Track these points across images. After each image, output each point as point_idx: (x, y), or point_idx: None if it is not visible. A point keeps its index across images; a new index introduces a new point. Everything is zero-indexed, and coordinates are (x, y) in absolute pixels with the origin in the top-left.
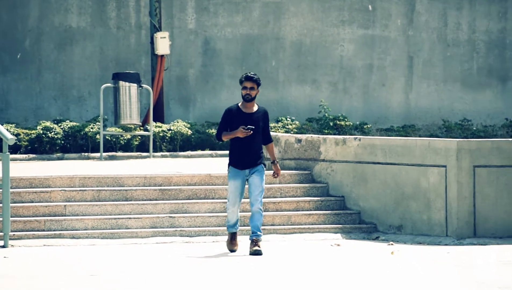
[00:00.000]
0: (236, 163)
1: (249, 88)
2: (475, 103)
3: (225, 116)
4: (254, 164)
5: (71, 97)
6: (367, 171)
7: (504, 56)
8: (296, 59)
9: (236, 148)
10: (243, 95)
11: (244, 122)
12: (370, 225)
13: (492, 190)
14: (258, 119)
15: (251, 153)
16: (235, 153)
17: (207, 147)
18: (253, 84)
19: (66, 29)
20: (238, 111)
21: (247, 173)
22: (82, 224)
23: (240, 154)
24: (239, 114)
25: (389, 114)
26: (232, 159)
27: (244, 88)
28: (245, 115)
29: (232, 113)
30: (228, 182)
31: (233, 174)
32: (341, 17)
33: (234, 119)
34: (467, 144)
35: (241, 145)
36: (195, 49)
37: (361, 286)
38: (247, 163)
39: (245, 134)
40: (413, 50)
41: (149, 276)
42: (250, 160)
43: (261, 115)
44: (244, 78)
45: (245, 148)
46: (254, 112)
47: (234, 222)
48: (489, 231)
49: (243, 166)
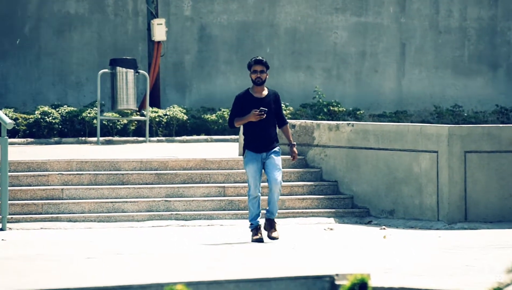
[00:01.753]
0: (252, 147)
1: (259, 71)
2: (466, 90)
3: (236, 102)
4: (270, 147)
5: (69, 83)
6: (360, 156)
7: (495, 43)
8: (290, 46)
9: (250, 132)
10: (254, 79)
11: (255, 107)
12: (363, 210)
13: (483, 175)
14: (269, 102)
15: (266, 137)
16: (250, 138)
17: (203, 132)
18: (263, 67)
19: (65, 16)
20: (248, 96)
21: (264, 156)
22: (79, 208)
23: (255, 138)
24: (250, 99)
25: (381, 100)
26: (247, 143)
27: (254, 72)
28: (256, 99)
29: (243, 99)
30: (246, 167)
31: (250, 158)
32: (335, 5)
33: (245, 104)
34: (458, 130)
35: (255, 129)
36: (191, 36)
37: (352, 264)
38: (263, 147)
39: (258, 118)
40: (405, 37)
41: (145, 258)
42: (266, 143)
43: (272, 98)
44: (253, 62)
45: (260, 131)
46: (265, 96)
47: (256, 214)
48: (480, 216)
49: (259, 150)
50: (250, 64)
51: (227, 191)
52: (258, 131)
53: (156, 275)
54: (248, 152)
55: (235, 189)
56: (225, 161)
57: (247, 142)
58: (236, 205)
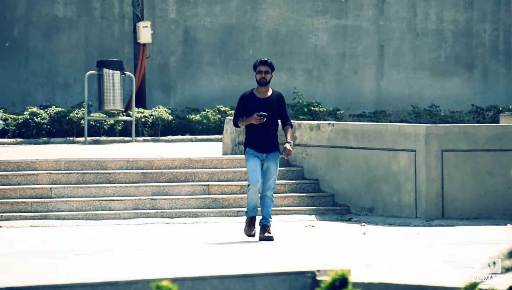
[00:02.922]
0: (254, 147)
1: (264, 71)
2: (443, 90)
3: (240, 102)
4: (271, 149)
5: (57, 84)
6: (340, 155)
7: (471, 44)
8: (272, 48)
9: (252, 132)
10: (258, 79)
11: (259, 107)
12: (343, 207)
13: (459, 173)
14: (272, 103)
15: (268, 137)
16: (252, 137)
17: (187, 132)
18: (268, 68)
19: (53, 19)
20: (252, 96)
21: (264, 156)
22: (67, 206)
23: (257, 138)
24: (253, 100)
25: (361, 101)
26: (249, 142)
27: (259, 72)
28: (260, 100)
29: (247, 99)
30: (247, 163)
31: (251, 154)
32: (315, 8)
33: (249, 104)
34: (435, 129)
35: (257, 129)
36: (175, 38)
37: (333, 260)
38: (264, 147)
39: (258, 121)
40: (384, 39)
41: (131, 255)
42: (267, 144)
43: (276, 99)
44: (258, 63)
45: (261, 132)
46: (268, 96)
47: (254, 204)
48: (457, 213)
49: (261, 150)
50: (255, 64)
51: (211, 190)
52: (260, 131)
53: (142, 271)
54: (250, 150)
55: (219, 187)
56: (209, 160)
57: (249, 141)
58: (220, 203)
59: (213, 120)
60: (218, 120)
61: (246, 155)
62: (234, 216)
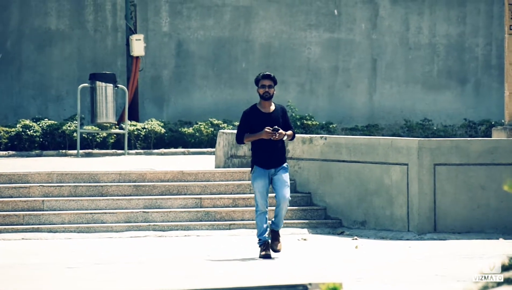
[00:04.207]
0: (261, 163)
1: (267, 86)
2: (436, 104)
3: (244, 118)
4: (279, 163)
5: (49, 96)
6: (333, 168)
7: (463, 59)
8: (265, 61)
9: (259, 148)
10: (262, 94)
11: (264, 122)
12: (335, 221)
13: (452, 187)
14: (277, 117)
15: (275, 152)
16: (259, 153)
17: (180, 145)
18: (271, 82)
19: (46, 31)
20: (257, 111)
21: (272, 172)
22: (59, 219)
23: (265, 154)
24: (258, 115)
25: (353, 114)
26: (256, 159)
27: (262, 87)
28: (264, 115)
29: (251, 115)
30: (253, 184)
31: (258, 174)
32: (308, 21)
33: (253, 120)
34: (427, 143)
35: (264, 145)
36: (168, 51)
37: (325, 273)
38: (272, 163)
39: (270, 136)
40: (377, 53)
41: (123, 268)
42: (275, 159)
43: (280, 113)
44: (261, 77)
45: (269, 147)
46: (272, 111)
47: (265, 228)
48: (449, 227)
49: (268, 166)
50: (257, 79)
51: (204, 203)
52: (267, 147)
53: (134, 284)
54: (257, 168)
55: (212, 200)
56: (202, 173)
57: (256, 158)
58: (212, 216)
59: (205, 133)
60: (210, 133)
61: (253, 175)
62: (226, 229)
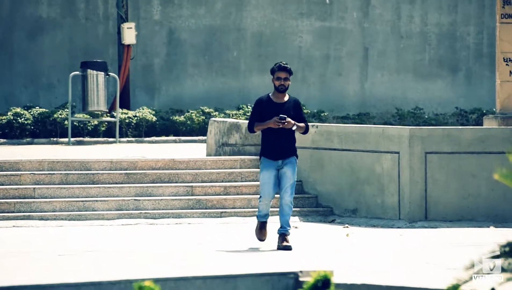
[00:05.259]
0: (269, 153)
1: (283, 78)
2: (427, 92)
3: (256, 107)
4: (287, 155)
5: (41, 85)
6: (324, 157)
7: (455, 47)
8: (256, 49)
9: (268, 138)
10: (277, 86)
11: (275, 112)
12: (327, 209)
13: (443, 175)
14: (289, 108)
15: (284, 143)
16: (267, 143)
17: (171, 133)
18: (287, 74)
19: (37, 20)
20: (269, 101)
21: (279, 163)
22: (51, 206)
23: (273, 144)
24: (270, 105)
25: (345, 103)
26: (264, 149)
27: (278, 79)
28: (276, 105)
29: (263, 104)
30: (260, 174)
31: (266, 165)
32: (300, 10)
33: (265, 109)
34: (419, 132)
35: (273, 135)
36: (160, 39)
37: (316, 261)
38: (280, 154)
39: (278, 125)
40: (368, 42)
41: (114, 255)
42: (283, 150)
43: (292, 104)
44: (277, 68)
45: (278, 138)
46: (285, 102)
47: (265, 213)
48: (440, 215)
49: (276, 157)
50: (273, 69)
51: (195, 191)
52: (276, 137)
53: (125, 271)
54: (264, 159)
55: (203, 188)
56: (193, 161)
57: (265, 149)
58: (203, 204)
59: (197, 121)
60: (202, 121)
61: (261, 165)
62: (217, 217)
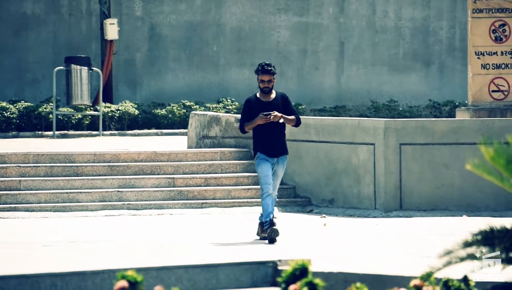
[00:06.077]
0: (265, 150)
1: (267, 81)
2: (401, 86)
3: (245, 107)
4: (281, 152)
5: (26, 79)
6: (302, 148)
7: (428, 42)
8: (236, 44)
9: (260, 136)
10: (262, 88)
11: (265, 111)
12: (305, 199)
13: (417, 166)
14: (278, 105)
15: (276, 140)
16: (260, 141)
17: (153, 126)
18: (270, 77)
19: (22, 16)
20: (257, 101)
21: (274, 161)
22: (36, 198)
23: (266, 142)
24: (258, 104)
25: (322, 96)
26: (258, 146)
27: (261, 82)
28: (265, 103)
29: (252, 104)
30: (258, 168)
31: (262, 159)
32: (278, 5)
33: (254, 109)
34: (393, 124)
35: (264, 133)
36: (142, 35)
37: (294, 250)
38: (275, 151)
39: (264, 120)
40: (344, 36)
41: (98, 246)
42: (277, 148)
43: (280, 100)
44: (260, 72)
45: (270, 136)
46: (272, 99)
47: (269, 211)
48: (414, 204)
49: (271, 154)
50: (258, 71)
51: (177, 182)
52: (268, 135)
53: (108, 261)
54: (260, 154)
55: (184, 180)
56: (175, 153)
57: (259, 146)
58: (185, 195)
59: (178, 114)
60: (183, 114)
61: (257, 160)
62: (198, 208)
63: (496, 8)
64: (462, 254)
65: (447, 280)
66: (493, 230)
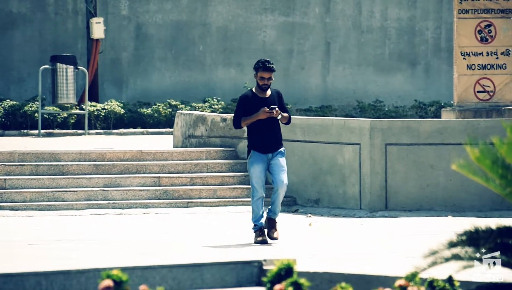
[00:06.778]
0: (259, 147)
1: (267, 78)
2: (387, 86)
3: (241, 103)
4: (276, 147)
5: (11, 78)
6: (287, 148)
7: (413, 42)
8: (222, 44)
9: (256, 132)
10: (260, 85)
11: (260, 107)
12: (290, 199)
13: (402, 166)
14: (274, 101)
15: (273, 137)
16: (256, 138)
17: (139, 125)
18: (271, 74)
19: (7, 14)
20: (254, 96)
21: (269, 156)
22: (21, 197)
23: (262, 138)
24: (255, 100)
25: (308, 96)
26: (253, 143)
27: (261, 79)
28: (262, 99)
29: (248, 99)
30: (251, 168)
31: (256, 158)
32: (264, 5)
33: (252, 105)
34: (379, 124)
35: (261, 128)
36: (128, 34)
37: (280, 250)
38: (270, 147)
39: (267, 115)
40: (330, 36)
41: (83, 245)
42: (273, 143)
43: (276, 97)
44: (262, 68)
45: (266, 132)
46: (269, 96)
47: (260, 214)
48: (399, 205)
49: (266, 150)
50: (258, 67)
51: (162, 181)
52: (265, 131)
53: (93, 260)
54: (254, 153)
55: (170, 179)
56: (160, 152)
57: (253, 143)
58: (170, 194)
59: (164, 114)
60: (169, 113)
61: (250, 159)
62: (184, 207)
63: (482, 8)
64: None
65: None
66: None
